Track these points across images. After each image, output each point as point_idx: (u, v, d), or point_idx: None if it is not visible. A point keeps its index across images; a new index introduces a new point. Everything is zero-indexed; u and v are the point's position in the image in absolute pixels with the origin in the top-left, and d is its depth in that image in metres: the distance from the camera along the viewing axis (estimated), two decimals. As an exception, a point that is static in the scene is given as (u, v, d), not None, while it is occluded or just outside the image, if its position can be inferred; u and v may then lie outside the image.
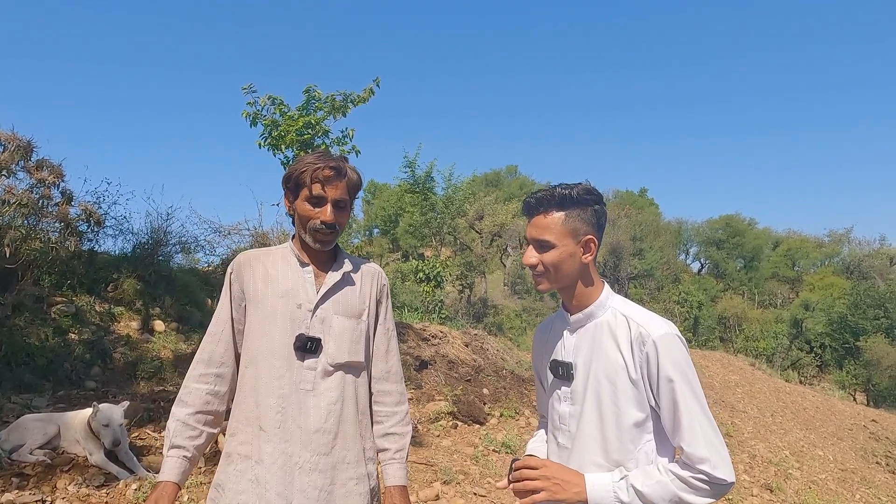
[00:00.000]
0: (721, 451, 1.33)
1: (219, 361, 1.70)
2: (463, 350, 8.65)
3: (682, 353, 1.40)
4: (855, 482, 7.80)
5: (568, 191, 1.47)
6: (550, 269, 1.49)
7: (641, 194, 57.67)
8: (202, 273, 9.06)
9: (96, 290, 6.76)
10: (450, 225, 17.27)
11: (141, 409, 4.73)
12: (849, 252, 42.77)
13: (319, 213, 1.65)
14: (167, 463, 1.62)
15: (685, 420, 1.35)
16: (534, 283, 1.55)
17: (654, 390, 1.40)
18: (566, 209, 1.47)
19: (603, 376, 1.46)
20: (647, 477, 1.35)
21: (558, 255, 1.47)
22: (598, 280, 1.54)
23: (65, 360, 5.45)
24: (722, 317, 32.59)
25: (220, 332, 1.72)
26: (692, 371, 1.39)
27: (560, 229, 1.47)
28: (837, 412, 13.23)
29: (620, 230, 32.66)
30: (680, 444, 1.37)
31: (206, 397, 1.68)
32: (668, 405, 1.38)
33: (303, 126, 5.84)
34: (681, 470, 1.35)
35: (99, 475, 3.69)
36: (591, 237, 1.48)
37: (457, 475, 4.61)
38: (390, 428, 1.78)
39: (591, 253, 1.49)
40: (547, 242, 1.47)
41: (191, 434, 1.65)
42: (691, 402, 1.36)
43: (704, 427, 1.35)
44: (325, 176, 1.64)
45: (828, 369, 27.59)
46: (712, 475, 1.31)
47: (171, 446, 1.64)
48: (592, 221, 1.49)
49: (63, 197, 6.25)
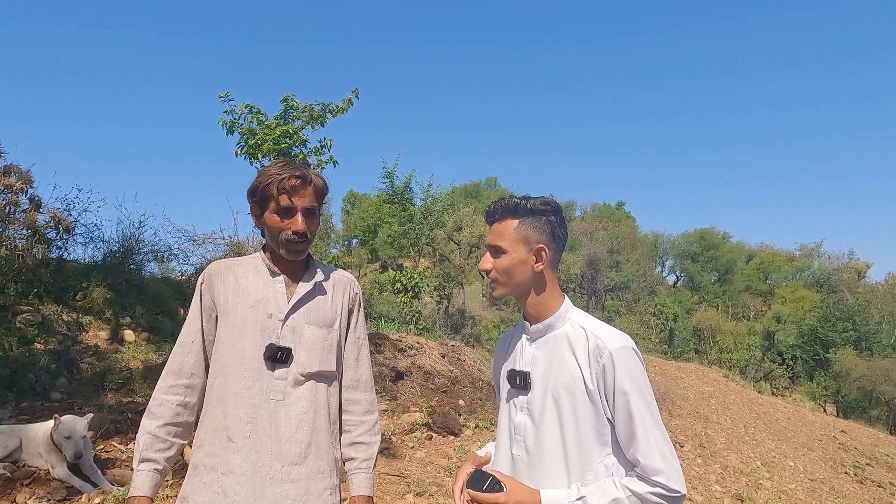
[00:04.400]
0: (674, 464, 1.36)
1: (189, 372, 1.68)
2: (440, 361, 8.62)
3: (637, 366, 1.42)
4: (824, 492, 7.93)
5: (523, 200, 1.52)
6: (502, 275, 1.53)
7: (619, 207, 58.49)
8: (175, 282, 8.91)
9: (64, 298, 6.60)
10: (428, 236, 17.26)
11: (107, 420, 4.62)
12: (819, 266, 43.82)
13: (290, 223, 1.64)
14: (138, 477, 1.59)
15: (640, 432, 1.37)
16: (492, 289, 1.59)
17: (609, 402, 1.42)
18: (519, 217, 1.52)
19: (562, 388, 1.46)
20: (603, 495, 1.36)
21: (509, 261, 1.51)
22: (558, 293, 1.57)
23: (29, 371, 5.30)
24: (697, 329, 33.05)
25: (191, 342, 1.70)
26: (647, 384, 1.42)
27: (512, 236, 1.51)
28: (808, 423, 13.46)
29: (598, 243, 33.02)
30: (635, 455, 1.38)
31: (177, 409, 1.65)
32: (623, 417, 1.40)
33: (280, 135, 5.80)
34: (637, 485, 1.36)
35: (61, 489, 3.59)
36: (542, 246, 1.51)
37: (430, 487, 4.57)
38: (358, 437, 1.76)
39: (542, 262, 1.52)
40: (499, 248, 1.52)
41: (161, 447, 1.63)
42: (646, 415, 1.38)
43: (658, 440, 1.37)
44: (292, 186, 1.63)
45: (799, 381, 28.14)
46: (668, 486, 1.34)
47: (141, 459, 1.61)
48: (546, 231, 1.52)
49: (31, 203, 6.13)
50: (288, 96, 5.99)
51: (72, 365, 5.63)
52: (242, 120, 5.93)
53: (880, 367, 21.54)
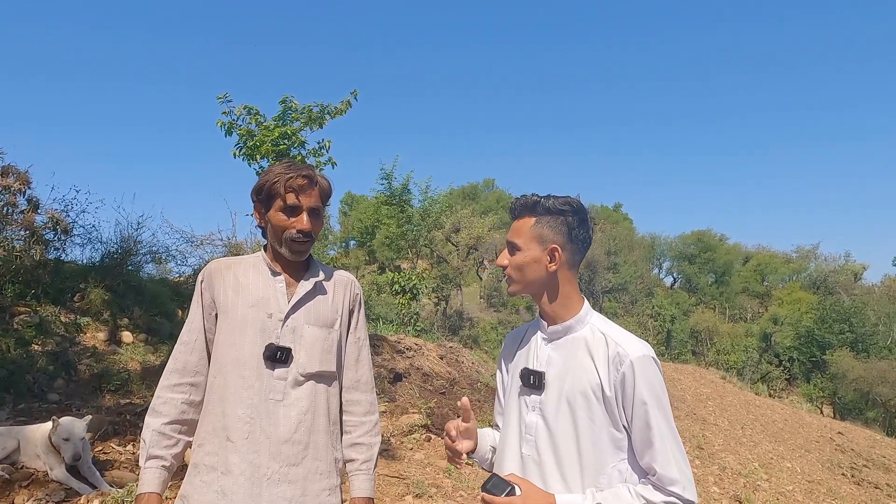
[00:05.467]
0: (688, 474, 1.36)
1: (193, 371, 1.68)
2: (438, 363, 8.62)
3: (657, 376, 1.41)
4: (821, 493, 7.95)
5: (543, 199, 1.50)
6: (515, 272, 1.52)
7: (616, 209, 58.52)
8: (173, 283, 8.89)
9: (62, 300, 6.58)
10: (426, 237, 17.27)
11: (106, 422, 4.60)
12: (815, 268, 43.91)
13: (295, 222, 1.64)
14: (147, 473, 1.59)
15: (657, 442, 1.37)
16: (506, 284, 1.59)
17: (626, 410, 1.41)
18: (537, 215, 1.50)
19: (578, 392, 1.45)
20: (617, 501, 1.35)
21: (523, 258, 1.50)
22: (578, 295, 1.54)
23: (27, 372, 5.28)
24: (694, 330, 33.10)
25: (194, 340, 1.69)
26: (665, 395, 1.41)
27: (528, 234, 1.50)
28: (805, 425, 13.48)
29: (595, 245, 33.05)
30: (651, 464, 1.37)
31: (182, 406, 1.65)
32: (641, 426, 1.39)
33: (279, 136, 5.81)
34: (652, 494, 1.35)
35: (59, 491, 3.58)
36: (555, 246, 1.48)
37: (429, 488, 4.57)
38: (358, 438, 1.76)
39: (555, 262, 1.49)
40: (515, 245, 1.51)
41: (167, 443, 1.63)
42: (663, 425, 1.38)
43: (674, 450, 1.37)
44: (299, 185, 1.64)
45: (796, 382, 28.21)
46: (682, 497, 1.34)
47: (148, 457, 1.60)
48: (562, 231, 1.49)
49: (29, 204, 6.12)
50: (286, 97, 6.00)
51: (70, 366, 5.61)
52: (241, 121, 5.94)
53: (877, 369, 21.60)
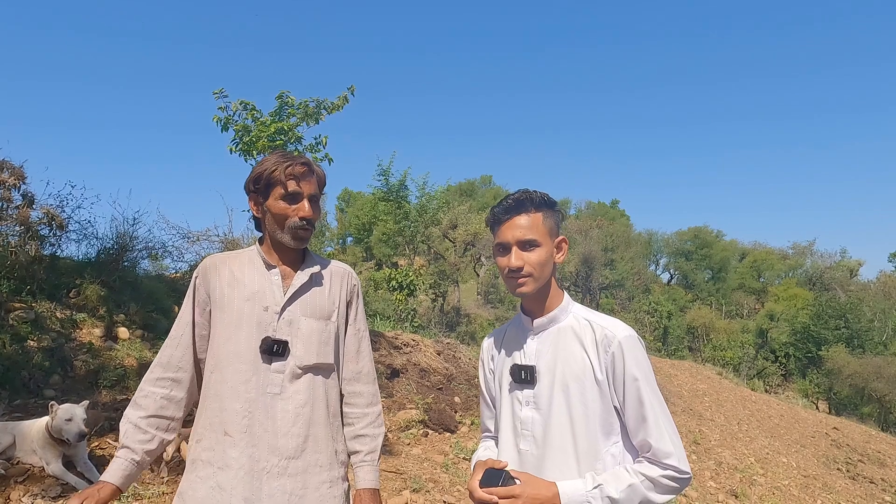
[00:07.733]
0: (680, 446, 1.41)
1: (176, 366, 1.66)
2: (435, 359, 8.62)
3: (643, 354, 1.46)
4: (817, 488, 7.99)
5: (540, 194, 1.52)
6: (536, 269, 1.48)
7: (613, 206, 58.56)
8: (169, 280, 8.86)
9: (57, 295, 6.55)
10: (423, 234, 17.26)
11: (102, 418, 4.59)
12: (811, 264, 44.11)
13: (297, 209, 1.64)
14: (113, 464, 1.57)
15: (650, 417, 1.41)
16: (515, 287, 1.50)
17: (618, 389, 1.44)
18: (542, 210, 1.51)
19: (570, 378, 1.47)
20: (618, 481, 1.37)
21: (544, 253, 1.49)
22: (558, 285, 1.59)
23: (22, 369, 5.26)
24: (690, 327, 33.22)
25: (180, 336, 1.68)
26: (651, 371, 1.46)
27: (542, 228, 1.50)
28: (801, 420, 13.55)
29: (592, 241, 33.12)
30: (646, 439, 1.40)
31: (161, 402, 1.64)
32: (634, 403, 1.42)
33: (275, 132, 5.79)
34: (649, 469, 1.38)
35: (56, 486, 3.56)
36: (563, 238, 1.53)
37: (426, 483, 4.58)
38: (361, 430, 1.75)
39: (563, 253, 1.53)
40: (534, 241, 1.48)
41: (142, 437, 1.61)
42: (654, 401, 1.42)
43: (666, 425, 1.41)
44: (299, 172, 1.63)
45: (792, 378, 28.33)
46: (678, 468, 1.37)
47: (120, 447, 1.60)
48: (559, 223, 1.55)
49: (24, 200, 6.08)
50: (283, 93, 5.97)
51: (65, 362, 5.59)
52: (237, 116, 5.91)
53: (872, 365, 21.71)
